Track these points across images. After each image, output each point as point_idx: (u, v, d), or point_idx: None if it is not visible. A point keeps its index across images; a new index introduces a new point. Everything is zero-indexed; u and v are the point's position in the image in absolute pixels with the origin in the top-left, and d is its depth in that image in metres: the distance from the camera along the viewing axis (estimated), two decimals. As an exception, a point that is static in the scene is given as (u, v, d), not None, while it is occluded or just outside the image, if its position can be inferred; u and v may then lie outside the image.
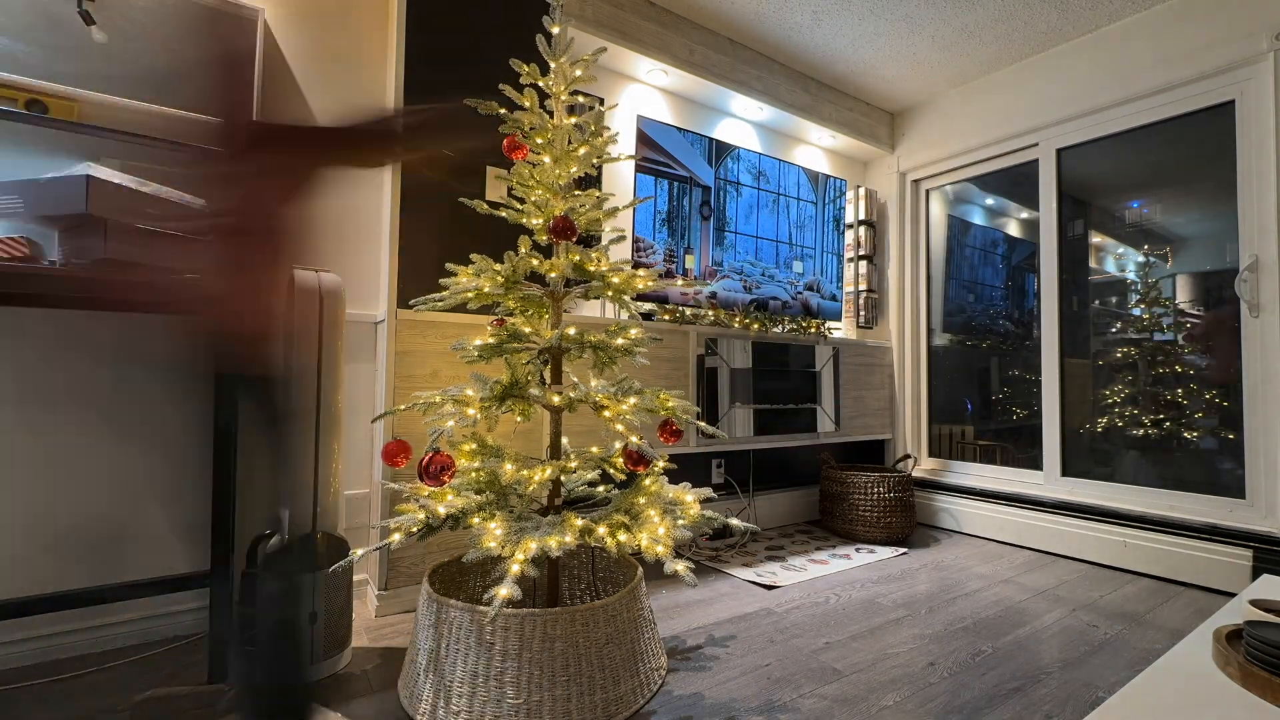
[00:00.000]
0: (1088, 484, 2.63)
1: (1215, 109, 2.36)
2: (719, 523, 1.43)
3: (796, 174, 3.03)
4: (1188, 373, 2.41)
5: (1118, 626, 1.82)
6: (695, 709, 1.34)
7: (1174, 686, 1.05)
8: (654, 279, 1.49)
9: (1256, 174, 2.22)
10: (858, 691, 1.42)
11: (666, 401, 1.45)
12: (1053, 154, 2.82)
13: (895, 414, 3.34)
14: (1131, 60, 2.51)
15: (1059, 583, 2.22)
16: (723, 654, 1.61)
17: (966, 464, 3.14)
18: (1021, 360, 2.96)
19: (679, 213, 2.61)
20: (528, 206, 1.54)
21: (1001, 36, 2.69)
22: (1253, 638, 1.06)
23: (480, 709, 1.18)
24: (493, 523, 1.25)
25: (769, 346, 2.65)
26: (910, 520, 2.75)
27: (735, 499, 2.86)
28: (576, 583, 1.77)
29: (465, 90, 2.02)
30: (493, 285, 1.41)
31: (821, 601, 1.99)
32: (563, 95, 1.53)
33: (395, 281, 1.86)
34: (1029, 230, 2.97)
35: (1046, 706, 1.37)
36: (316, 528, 1.49)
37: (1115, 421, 2.60)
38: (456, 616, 1.24)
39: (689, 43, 2.60)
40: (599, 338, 1.47)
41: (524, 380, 1.42)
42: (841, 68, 2.99)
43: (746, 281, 2.82)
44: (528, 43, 2.16)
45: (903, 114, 3.45)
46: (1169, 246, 2.51)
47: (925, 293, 3.40)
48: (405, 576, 1.84)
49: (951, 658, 1.60)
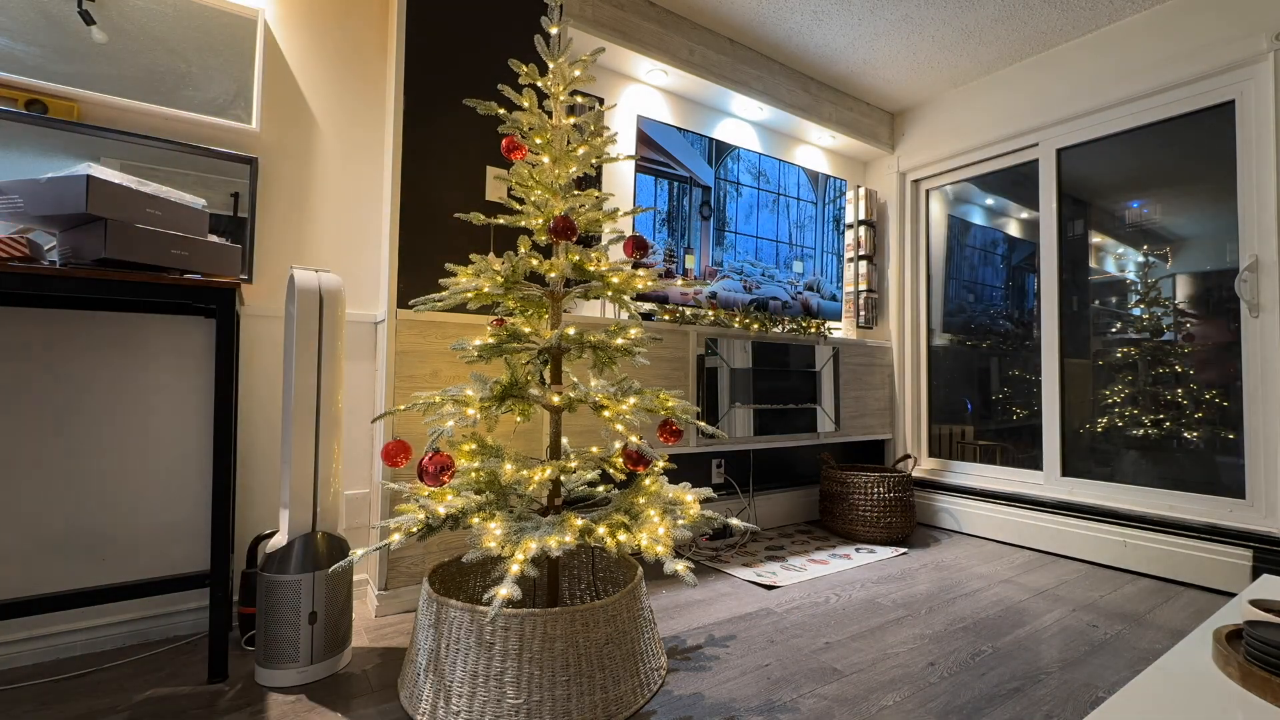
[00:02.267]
0: (1088, 484, 2.63)
1: (1215, 109, 2.36)
2: (719, 523, 1.43)
3: (796, 174, 3.03)
4: (1188, 373, 2.41)
5: (1118, 626, 1.82)
6: (695, 709, 1.34)
7: (1174, 686, 1.05)
8: (653, 279, 1.49)
9: (1256, 174, 2.22)
10: (858, 691, 1.42)
11: (666, 401, 1.45)
12: (1053, 154, 2.82)
13: (895, 414, 3.34)
14: (1131, 60, 2.51)
15: (1059, 583, 2.22)
16: (723, 654, 1.60)
17: (966, 464, 3.14)
18: (1021, 360, 2.96)
19: (679, 213, 2.61)
20: (527, 207, 1.54)
21: (1002, 36, 2.69)
22: (1253, 638, 1.05)
23: (480, 709, 1.18)
24: (492, 523, 1.25)
25: (769, 346, 2.65)
26: (910, 520, 2.75)
27: (735, 499, 2.86)
28: (576, 583, 1.77)
29: (465, 90, 2.02)
30: (492, 285, 1.41)
31: (821, 601, 1.99)
32: (561, 95, 1.53)
33: (395, 281, 1.86)
34: (1029, 230, 2.97)
35: (1046, 706, 1.37)
36: (316, 528, 1.49)
37: (1115, 421, 2.60)
38: (456, 616, 1.24)
39: (689, 43, 2.60)
40: (599, 338, 1.47)
41: (524, 380, 1.42)
42: (841, 68, 2.99)
43: (746, 281, 2.82)
44: (528, 43, 2.16)
45: (903, 114, 3.45)
46: (1169, 246, 2.51)
47: (925, 293, 3.40)
48: (405, 576, 1.84)
49: (951, 658, 1.60)
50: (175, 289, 1.36)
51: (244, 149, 1.84)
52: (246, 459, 1.83)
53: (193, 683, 1.42)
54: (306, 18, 1.97)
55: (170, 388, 1.70)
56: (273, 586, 1.41)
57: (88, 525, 1.58)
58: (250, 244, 1.83)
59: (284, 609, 1.40)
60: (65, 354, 1.57)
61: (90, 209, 1.22)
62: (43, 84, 1.57)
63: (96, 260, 1.28)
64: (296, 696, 1.37)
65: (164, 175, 1.70)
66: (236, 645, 1.61)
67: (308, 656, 1.42)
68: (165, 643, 1.63)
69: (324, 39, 2.00)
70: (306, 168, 1.96)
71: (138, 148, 1.67)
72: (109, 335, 1.62)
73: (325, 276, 1.55)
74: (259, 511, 1.84)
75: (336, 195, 2.01)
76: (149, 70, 1.70)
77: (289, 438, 1.48)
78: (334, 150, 2.01)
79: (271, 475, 1.86)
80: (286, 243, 1.92)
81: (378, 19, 2.10)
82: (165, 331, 1.69)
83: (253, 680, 1.43)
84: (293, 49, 1.94)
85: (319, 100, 1.99)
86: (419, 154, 1.93)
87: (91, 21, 1.63)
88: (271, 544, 1.48)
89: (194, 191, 1.73)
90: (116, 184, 1.29)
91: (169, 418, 1.69)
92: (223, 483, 1.40)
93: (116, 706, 1.31)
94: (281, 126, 1.91)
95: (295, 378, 1.48)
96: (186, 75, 1.76)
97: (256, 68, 1.86)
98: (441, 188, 1.97)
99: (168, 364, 1.69)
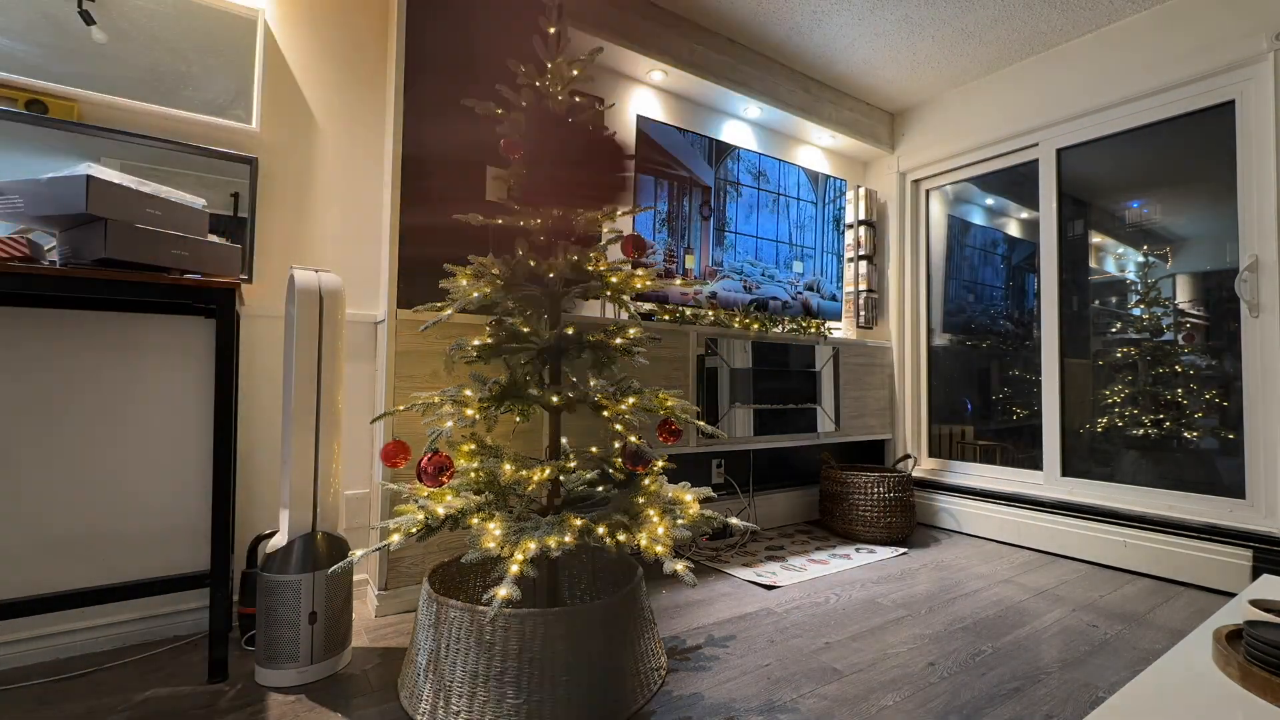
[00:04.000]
0: (1088, 484, 2.63)
1: (1215, 109, 2.35)
2: (719, 522, 1.43)
3: (796, 174, 3.03)
4: (1188, 373, 2.41)
5: (1118, 626, 1.82)
6: (695, 709, 1.34)
7: (1174, 686, 1.05)
8: (652, 278, 1.49)
9: (1256, 174, 2.22)
10: (858, 691, 1.42)
11: (665, 401, 1.45)
12: (1053, 154, 2.82)
13: (895, 414, 3.34)
14: (1132, 60, 2.51)
15: (1059, 583, 2.22)
16: (722, 654, 1.60)
17: (966, 464, 3.14)
18: (1021, 360, 2.96)
19: (679, 213, 2.61)
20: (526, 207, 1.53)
21: (1002, 36, 2.69)
22: (1253, 638, 1.05)
23: (480, 709, 1.18)
24: (492, 523, 1.25)
25: (769, 346, 2.65)
26: (910, 520, 2.75)
27: (735, 499, 2.86)
28: (576, 583, 1.77)
29: (464, 90, 2.02)
30: (493, 289, 1.41)
31: (821, 601, 1.99)
32: (559, 95, 1.53)
33: (395, 281, 1.86)
34: (1029, 230, 2.97)
35: (1046, 706, 1.37)
36: (316, 528, 1.49)
37: (1115, 421, 2.60)
38: (456, 617, 1.24)
39: (689, 43, 2.60)
40: (598, 337, 1.47)
41: (523, 380, 1.42)
42: (841, 68, 2.98)
43: (746, 281, 2.82)
44: (528, 42, 2.16)
45: (903, 114, 3.45)
46: (1169, 246, 2.50)
47: (925, 293, 3.40)
48: (405, 576, 1.84)
49: (951, 658, 1.60)
50: (175, 289, 1.36)
51: (244, 149, 1.84)
52: (246, 459, 1.83)
53: (193, 683, 1.42)
54: (307, 18, 1.97)
55: (170, 388, 1.70)
56: (273, 586, 1.41)
57: (88, 525, 1.58)
58: (250, 244, 1.83)
59: (284, 609, 1.40)
60: (65, 354, 1.57)
61: (90, 209, 1.22)
62: (43, 84, 1.57)
63: (96, 260, 1.28)
64: (296, 696, 1.37)
65: (164, 175, 1.70)
66: (236, 645, 1.61)
67: (308, 657, 1.42)
68: (165, 643, 1.63)
69: (324, 39, 2.00)
70: (306, 168, 1.96)
71: (138, 148, 1.67)
72: (109, 335, 1.62)
73: (325, 276, 1.55)
74: (259, 511, 1.84)
75: (336, 195, 2.01)
76: (149, 70, 1.70)
77: (289, 438, 1.48)
78: (334, 150, 2.01)
79: (271, 475, 1.86)
80: (286, 243, 1.92)
81: (378, 19, 2.10)
82: (165, 331, 1.69)
83: (253, 680, 1.43)
84: (293, 49, 1.94)
85: (319, 100, 1.99)
86: (419, 154, 1.93)
87: (91, 21, 1.63)
88: (271, 544, 1.48)
89: (194, 191, 1.73)
90: (116, 184, 1.29)
91: (169, 418, 1.69)
92: (223, 483, 1.40)
93: (116, 706, 1.31)
94: (281, 126, 1.91)
95: (295, 378, 1.48)
96: (186, 75, 1.76)
97: (257, 68, 1.86)
98: (441, 188, 1.97)
99: (168, 364, 1.69)
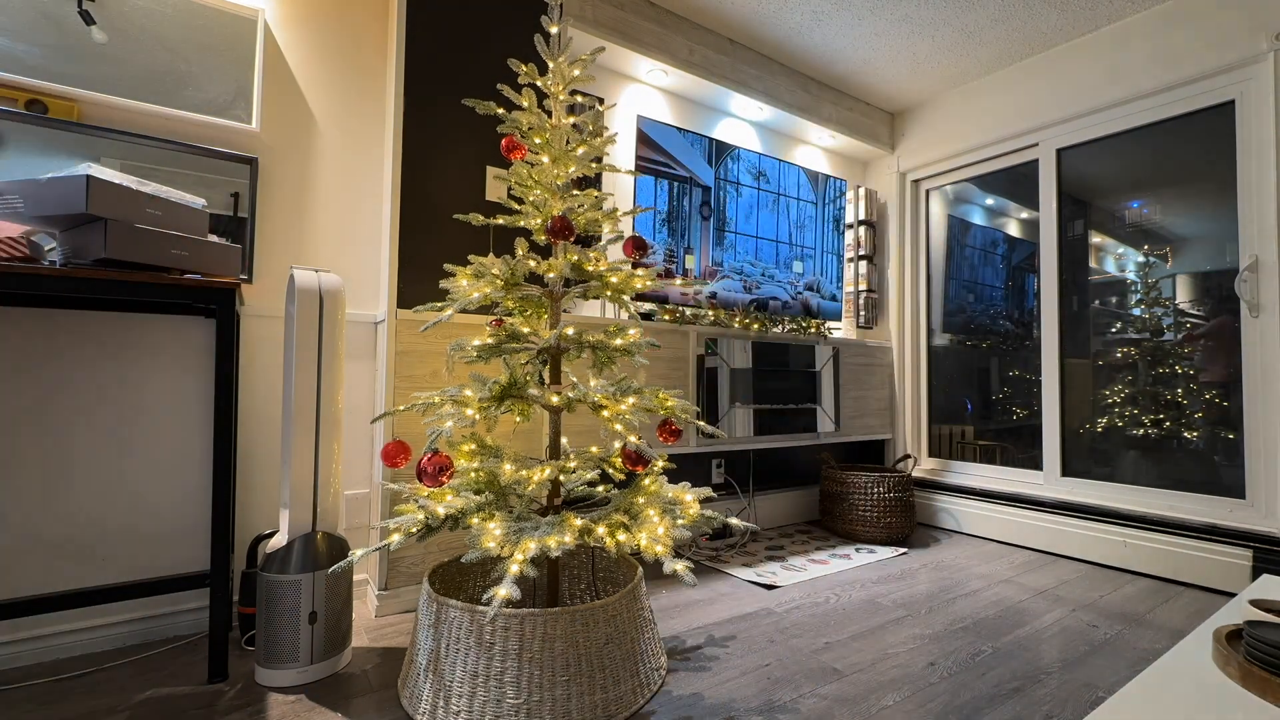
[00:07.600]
0: (1088, 484, 2.63)
1: (1215, 109, 2.36)
2: (719, 522, 1.43)
3: (796, 174, 3.03)
4: (1188, 373, 2.41)
5: (1118, 626, 1.82)
6: (695, 709, 1.34)
7: (1174, 686, 1.05)
8: (652, 279, 1.49)
9: (1256, 174, 2.22)
10: (858, 691, 1.42)
11: (665, 401, 1.45)
12: (1053, 154, 2.82)
13: (895, 414, 3.34)
14: (1131, 60, 2.51)
15: (1059, 583, 2.22)
16: (722, 654, 1.60)
17: (966, 464, 3.14)
18: (1021, 360, 2.96)
19: (679, 213, 2.61)
20: (526, 207, 1.54)
21: (1001, 36, 2.69)
22: (1253, 638, 1.05)
23: (480, 709, 1.18)
24: (492, 523, 1.25)
25: (769, 346, 2.65)
26: (910, 520, 2.75)
27: (735, 499, 2.86)
28: (576, 583, 1.77)
29: (465, 90, 2.02)
30: (493, 289, 1.41)
31: (821, 601, 1.99)
32: (561, 95, 1.53)
33: (395, 281, 1.86)
34: (1029, 230, 2.97)
35: (1046, 706, 1.37)
36: (316, 528, 1.49)
37: (1115, 421, 2.60)
38: (456, 616, 1.24)
39: (689, 43, 2.60)
40: (598, 338, 1.47)
41: (523, 380, 1.42)
42: (841, 68, 2.98)
43: (746, 281, 2.82)
44: (528, 42, 2.16)
45: (903, 114, 3.45)
46: (1169, 246, 2.50)
47: (925, 293, 3.40)
48: (405, 576, 1.84)
49: (951, 658, 1.60)
50: (175, 289, 1.36)
51: (244, 149, 1.84)
52: (246, 459, 1.83)
53: (193, 683, 1.42)
54: (307, 18, 1.97)
55: (170, 387, 1.70)
56: (273, 586, 1.41)
57: (88, 525, 1.59)
58: (250, 244, 1.83)
59: (284, 609, 1.40)
60: (65, 354, 1.57)
61: (90, 209, 1.22)
62: (43, 84, 1.57)
63: (97, 260, 1.28)
64: (296, 696, 1.37)
65: (164, 175, 1.70)
66: (236, 645, 1.61)
67: (308, 656, 1.42)
68: (165, 643, 1.63)
69: (324, 39, 2.00)
70: (306, 167, 1.96)
71: (138, 148, 1.67)
72: (109, 335, 1.62)
73: (325, 276, 1.55)
74: (259, 511, 1.84)
75: (336, 195, 2.01)
76: (149, 70, 1.70)
77: (289, 438, 1.48)
78: (334, 150, 2.01)
79: (271, 475, 1.86)
80: (286, 242, 1.92)
81: (378, 19, 2.10)
82: (165, 331, 1.69)
83: (253, 680, 1.43)
84: (293, 49, 1.94)
85: (319, 100, 1.99)
86: (419, 154, 1.93)
87: (91, 21, 1.63)
88: (271, 544, 1.48)
89: (194, 191, 1.73)
90: (116, 184, 1.29)
91: (169, 417, 1.69)
92: (223, 482, 1.40)
93: (116, 706, 1.31)
94: (281, 126, 1.92)
95: (295, 378, 1.48)
96: (187, 75, 1.76)
97: (256, 68, 1.86)
98: (441, 187, 1.97)
99: (168, 364, 1.69)
